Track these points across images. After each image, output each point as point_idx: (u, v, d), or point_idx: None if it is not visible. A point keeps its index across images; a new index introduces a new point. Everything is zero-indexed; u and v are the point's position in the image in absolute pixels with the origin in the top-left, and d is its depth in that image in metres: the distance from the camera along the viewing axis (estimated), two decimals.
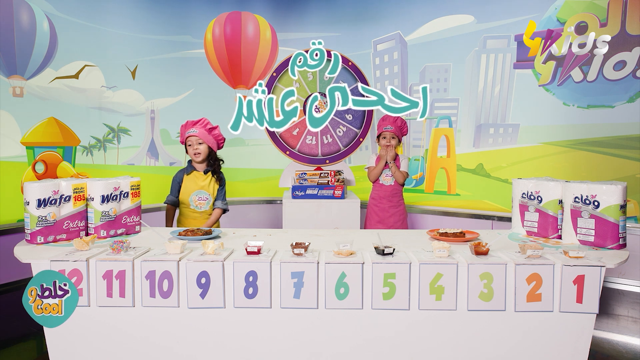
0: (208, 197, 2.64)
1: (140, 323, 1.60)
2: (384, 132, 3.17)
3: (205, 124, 2.67)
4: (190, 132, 2.63)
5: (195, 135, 2.62)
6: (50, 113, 3.59)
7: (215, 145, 2.70)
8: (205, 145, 2.65)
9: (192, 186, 2.63)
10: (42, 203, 1.79)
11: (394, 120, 3.15)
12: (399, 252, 1.64)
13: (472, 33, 3.94)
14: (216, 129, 2.71)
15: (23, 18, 3.37)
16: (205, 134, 2.65)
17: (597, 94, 3.45)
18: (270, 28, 4.46)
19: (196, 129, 2.64)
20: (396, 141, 3.15)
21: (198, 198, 2.62)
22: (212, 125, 2.70)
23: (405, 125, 3.20)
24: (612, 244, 1.72)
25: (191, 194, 2.62)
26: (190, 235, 1.93)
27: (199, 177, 2.65)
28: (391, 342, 1.59)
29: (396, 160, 3.17)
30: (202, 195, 2.62)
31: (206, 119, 2.69)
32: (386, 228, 3.09)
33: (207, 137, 2.65)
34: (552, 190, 1.90)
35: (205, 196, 2.63)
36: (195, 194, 2.62)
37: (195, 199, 2.62)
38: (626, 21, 3.30)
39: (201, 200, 2.62)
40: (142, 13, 4.11)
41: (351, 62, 3.43)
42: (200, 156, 2.64)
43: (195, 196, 2.62)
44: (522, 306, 1.52)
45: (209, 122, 2.69)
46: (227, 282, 1.56)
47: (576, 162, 3.56)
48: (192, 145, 2.64)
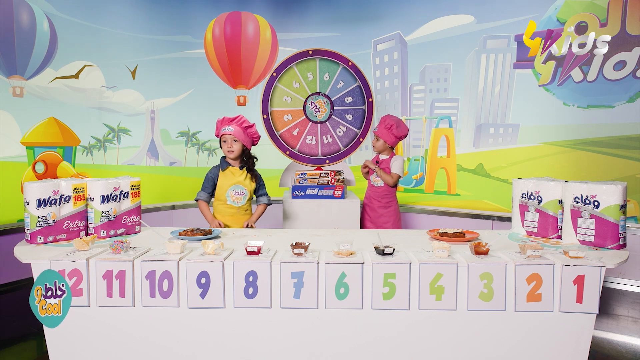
0: (245, 192, 2.62)
1: (140, 323, 1.60)
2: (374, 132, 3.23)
3: (242, 121, 2.65)
4: (226, 129, 2.61)
5: (230, 134, 2.59)
6: (50, 113, 3.59)
7: (249, 142, 2.69)
8: (240, 143, 2.62)
9: (228, 181, 2.61)
10: (42, 203, 1.79)
11: (382, 120, 3.16)
12: (399, 252, 1.64)
13: (472, 33, 3.94)
14: (252, 127, 2.68)
15: (23, 18, 3.37)
16: (240, 132, 2.62)
17: (597, 94, 3.45)
18: (270, 28, 4.46)
19: (232, 126, 2.61)
20: (381, 143, 3.14)
21: (235, 193, 2.60)
22: (248, 123, 2.67)
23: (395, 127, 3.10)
24: (612, 244, 1.72)
25: (228, 189, 2.60)
26: (190, 235, 1.93)
27: (235, 172, 2.64)
28: (391, 342, 1.58)
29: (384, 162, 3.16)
30: (239, 190, 2.60)
31: (243, 117, 2.66)
32: (375, 228, 3.11)
33: (242, 135, 2.63)
34: (552, 190, 1.90)
35: (242, 190, 2.61)
36: (232, 189, 2.60)
37: (232, 194, 2.60)
38: (626, 21, 3.30)
39: (238, 195, 2.60)
40: (142, 13, 4.11)
41: (351, 62, 3.43)
42: (234, 154, 2.62)
43: (232, 191, 2.60)
44: (522, 306, 1.52)
45: (246, 119, 2.67)
46: (227, 282, 1.56)
47: (576, 162, 3.56)
48: (226, 142, 2.62)
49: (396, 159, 3.17)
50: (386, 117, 3.16)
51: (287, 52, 3.97)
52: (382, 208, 3.17)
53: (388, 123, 3.12)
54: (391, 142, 3.15)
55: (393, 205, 3.20)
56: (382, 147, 3.17)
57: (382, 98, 4.42)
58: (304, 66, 3.41)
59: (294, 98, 3.44)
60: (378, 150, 3.21)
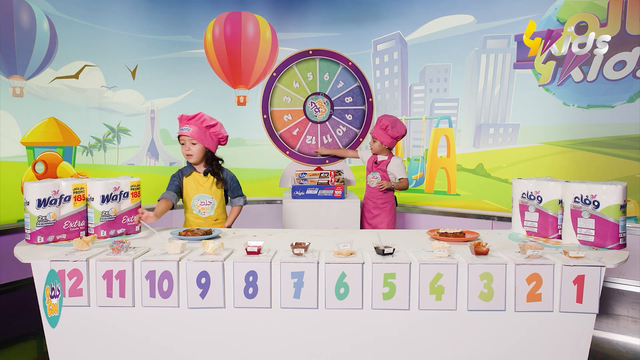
0: (211, 201, 2.37)
1: (140, 323, 1.59)
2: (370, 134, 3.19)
3: (202, 120, 2.33)
4: (183, 130, 2.30)
5: (188, 135, 2.29)
6: (50, 113, 3.59)
7: (213, 144, 2.38)
8: (200, 145, 2.32)
9: (192, 189, 2.36)
10: (42, 203, 1.79)
11: (378, 121, 3.10)
12: (399, 252, 1.64)
13: (472, 33, 3.94)
14: (215, 125, 2.37)
15: (23, 18, 3.37)
16: (200, 133, 2.31)
17: (597, 94, 3.45)
18: (270, 28, 4.46)
19: (190, 126, 2.30)
20: (377, 144, 3.10)
21: (200, 202, 2.34)
22: (210, 121, 2.35)
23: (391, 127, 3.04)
24: (612, 244, 1.72)
25: (192, 199, 2.35)
26: (190, 235, 1.93)
27: (200, 180, 2.37)
28: (391, 342, 1.58)
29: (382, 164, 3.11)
30: (204, 200, 2.35)
31: (203, 114, 2.35)
32: (370, 228, 3.13)
33: (202, 136, 2.31)
34: (552, 190, 1.90)
35: (207, 200, 2.36)
36: (197, 198, 2.35)
37: (198, 204, 2.34)
38: (626, 21, 3.30)
39: (204, 205, 2.35)
40: (142, 13, 4.11)
41: (351, 62, 3.43)
42: (193, 158, 2.33)
43: (197, 200, 2.34)
44: (522, 306, 1.52)
45: (208, 117, 2.35)
46: (227, 282, 1.56)
47: (576, 162, 3.56)
48: (185, 144, 2.32)
49: (395, 161, 3.14)
50: (382, 118, 3.10)
51: (287, 52, 3.97)
52: (377, 209, 3.17)
53: (383, 124, 3.07)
54: (388, 143, 3.10)
55: (388, 207, 3.17)
56: (379, 148, 3.13)
57: (382, 98, 4.42)
58: (304, 66, 3.41)
59: (294, 98, 3.44)
60: (375, 152, 3.17)
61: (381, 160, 3.17)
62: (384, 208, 3.16)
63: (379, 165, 3.16)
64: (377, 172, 3.16)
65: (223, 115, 4.54)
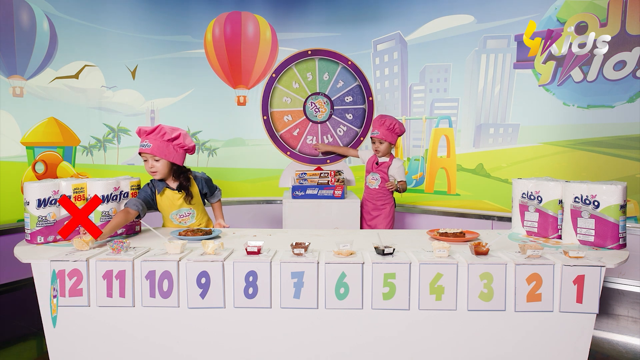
0: (191, 212, 2.27)
1: (140, 323, 1.60)
2: (372, 137, 3.12)
3: (162, 133, 2.12)
4: (143, 146, 2.10)
5: (148, 152, 2.10)
6: (50, 113, 3.59)
7: (179, 157, 2.18)
8: (164, 160, 2.13)
9: (168, 206, 2.23)
10: (42, 203, 1.79)
11: (382, 122, 3.06)
12: (399, 252, 1.64)
13: (472, 33, 3.94)
14: (178, 137, 2.16)
15: (23, 18, 3.37)
16: (162, 147, 2.11)
17: (597, 94, 3.45)
18: (270, 28, 4.46)
19: (150, 141, 2.10)
20: (385, 145, 3.09)
21: (180, 216, 2.25)
22: (171, 134, 2.14)
23: (397, 125, 3.07)
24: (612, 244, 1.72)
25: (171, 213, 2.24)
26: (191, 235, 1.93)
27: (174, 196, 2.22)
28: (391, 342, 1.58)
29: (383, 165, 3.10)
30: (183, 212, 2.25)
31: (163, 127, 2.13)
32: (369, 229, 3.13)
33: (165, 151, 2.11)
34: (552, 190, 1.90)
35: (186, 212, 2.25)
36: (176, 213, 2.24)
37: (177, 217, 2.25)
38: (626, 21, 3.30)
39: (184, 217, 2.25)
40: (142, 13, 4.11)
41: (351, 62, 3.43)
42: (157, 175, 2.16)
43: (177, 214, 2.24)
44: (522, 306, 1.52)
45: (167, 130, 2.14)
46: (227, 282, 1.56)
47: (576, 162, 3.56)
48: (147, 161, 2.14)
49: (397, 163, 3.14)
50: (384, 119, 3.07)
51: (287, 52, 3.97)
52: (376, 210, 3.16)
53: (389, 123, 3.05)
54: (395, 142, 3.12)
55: (387, 208, 3.16)
56: (387, 149, 3.12)
57: (382, 98, 4.42)
58: (303, 66, 3.41)
59: (294, 98, 3.44)
60: (383, 153, 3.14)
61: (382, 161, 3.15)
62: (383, 209, 3.15)
63: (380, 167, 3.14)
64: (378, 174, 3.13)
65: (223, 115, 4.56)
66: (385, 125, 3.05)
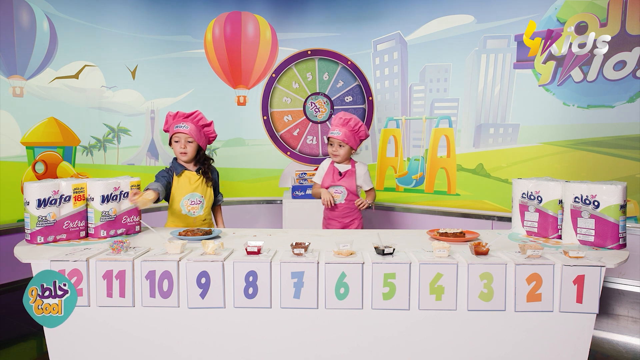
0: (202, 200, 2.31)
1: (140, 323, 1.60)
2: (330, 138, 2.62)
3: (199, 118, 2.31)
4: (181, 127, 2.26)
5: (185, 133, 2.25)
6: (50, 113, 3.59)
7: (205, 143, 2.37)
8: (195, 144, 2.30)
9: (183, 188, 2.28)
10: (42, 203, 1.79)
11: (346, 121, 2.58)
12: (399, 252, 1.64)
13: (472, 33, 3.94)
14: (210, 125, 2.36)
15: (23, 18, 3.37)
16: (197, 131, 2.28)
17: (597, 94, 3.45)
18: (270, 28, 4.46)
19: (187, 123, 2.26)
20: (346, 150, 2.59)
21: (191, 202, 2.27)
22: (206, 120, 2.34)
23: (362, 127, 2.61)
24: (612, 244, 1.72)
25: (183, 198, 2.27)
26: (190, 235, 1.93)
27: (192, 178, 2.31)
28: (391, 342, 1.58)
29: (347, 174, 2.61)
30: (195, 199, 2.28)
31: (200, 113, 2.32)
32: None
33: (198, 135, 2.29)
34: (552, 190, 1.90)
35: (198, 199, 2.30)
36: (188, 198, 2.27)
37: (188, 203, 2.27)
38: (626, 21, 3.30)
39: (194, 205, 2.29)
40: (142, 13, 4.11)
41: (350, 62, 3.43)
42: (187, 156, 2.29)
43: (188, 200, 2.26)
44: (522, 306, 1.52)
45: (204, 116, 2.34)
46: (227, 282, 1.56)
47: (576, 162, 3.56)
48: (179, 141, 2.28)
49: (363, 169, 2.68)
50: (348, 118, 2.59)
51: (287, 52, 3.97)
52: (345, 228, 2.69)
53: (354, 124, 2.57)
54: (356, 147, 2.63)
55: (355, 224, 2.69)
56: (347, 155, 2.63)
57: (382, 98, 4.42)
58: (303, 66, 3.41)
59: (294, 99, 3.44)
60: (343, 160, 2.64)
61: (345, 170, 2.67)
62: (350, 226, 2.70)
63: (344, 177, 2.65)
64: (341, 186, 2.63)
65: (223, 115, 4.56)
66: (349, 125, 2.58)
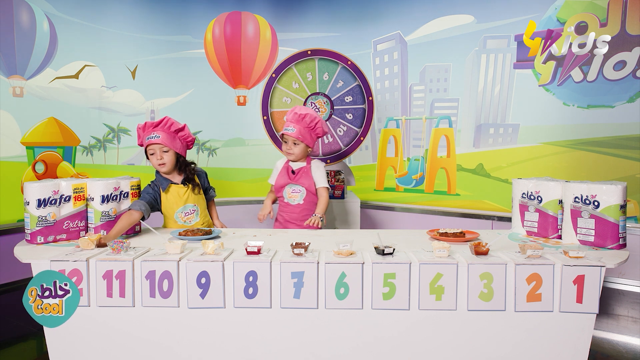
0: (195, 209, 2.26)
1: (140, 323, 1.60)
2: (284, 135, 2.41)
3: (170, 124, 2.18)
4: (152, 137, 2.14)
5: (158, 143, 2.14)
6: (50, 113, 3.59)
7: (183, 149, 2.25)
8: (172, 152, 2.18)
9: (174, 203, 2.22)
10: (42, 203, 1.79)
11: (301, 117, 2.37)
12: (399, 252, 1.64)
13: (472, 33, 3.94)
14: (184, 129, 2.23)
15: (23, 18, 3.37)
16: (170, 139, 2.16)
17: (597, 94, 3.45)
18: (270, 28, 4.46)
19: (158, 132, 2.15)
20: (301, 148, 2.40)
21: (185, 214, 2.24)
22: (178, 125, 2.21)
23: (319, 123, 2.40)
24: (612, 244, 1.72)
25: (176, 212, 2.22)
26: (190, 235, 1.93)
27: (180, 191, 2.23)
28: (391, 342, 1.58)
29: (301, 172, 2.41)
30: (188, 210, 2.25)
31: (170, 119, 2.18)
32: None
33: (173, 142, 2.17)
34: (552, 190, 1.90)
35: (192, 209, 2.25)
36: (181, 210, 2.23)
37: (182, 216, 2.23)
38: (626, 21, 3.30)
39: (189, 215, 2.25)
40: (142, 13, 4.11)
41: (350, 62, 3.43)
42: (166, 167, 2.19)
43: (182, 212, 2.23)
44: (522, 306, 1.52)
45: (174, 121, 2.20)
46: (227, 282, 1.56)
47: (576, 162, 3.56)
48: (155, 153, 2.17)
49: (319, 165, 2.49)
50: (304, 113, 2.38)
51: (287, 52, 3.97)
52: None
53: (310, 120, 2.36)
54: (312, 145, 2.44)
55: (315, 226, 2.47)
56: (303, 153, 2.44)
57: (382, 98, 4.42)
58: (302, 66, 3.41)
59: (294, 99, 3.44)
60: (298, 158, 2.44)
61: (299, 167, 2.49)
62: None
63: (299, 175, 2.46)
64: (298, 185, 2.45)
65: (223, 115, 4.56)
66: (304, 121, 2.38)
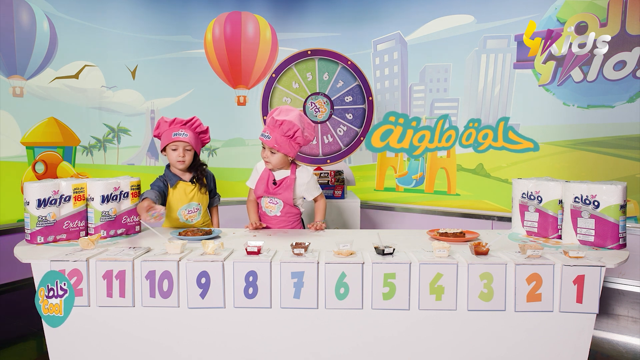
0: (199, 208, 2.30)
1: (140, 323, 1.60)
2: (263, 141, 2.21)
3: (197, 125, 2.24)
4: (180, 134, 2.18)
5: (185, 141, 2.18)
6: (50, 113, 3.59)
7: (200, 148, 2.32)
8: (193, 151, 2.24)
9: (179, 200, 2.25)
10: (42, 203, 1.79)
11: (278, 124, 2.13)
12: (399, 252, 1.64)
13: (472, 33, 3.94)
14: (207, 131, 2.31)
15: (23, 18, 3.37)
16: (195, 139, 2.22)
17: (597, 94, 3.45)
18: (270, 28, 4.46)
19: (187, 131, 2.19)
20: (278, 157, 2.19)
21: (188, 212, 2.26)
22: (203, 127, 2.28)
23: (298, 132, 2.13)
24: (612, 244, 1.72)
25: (179, 209, 2.25)
26: (190, 235, 1.93)
27: (187, 188, 2.27)
28: (391, 342, 1.58)
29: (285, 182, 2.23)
30: (192, 208, 2.27)
31: (198, 120, 2.24)
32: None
33: (196, 142, 2.23)
34: (552, 190, 1.90)
35: (195, 207, 2.28)
36: (185, 208, 2.26)
37: (185, 213, 2.26)
38: (626, 21, 3.30)
39: (192, 213, 2.28)
40: (142, 13, 4.11)
41: (350, 62, 3.43)
42: (184, 164, 2.23)
43: (185, 210, 2.26)
44: (522, 306, 1.52)
45: (201, 122, 2.27)
46: (227, 282, 1.56)
47: (576, 162, 3.56)
48: (177, 150, 2.20)
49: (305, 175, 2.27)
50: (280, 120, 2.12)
51: (287, 52, 3.97)
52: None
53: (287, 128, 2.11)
54: (293, 155, 2.22)
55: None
56: (281, 162, 2.23)
57: (382, 98, 4.42)
58: (302, 66, 3.41)
59: (294, 99, 3.44)
60: (277, 167, 2.24)
61: (282, 177, 2.26)
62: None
63: (281, 186, 2.24)
64: (276, 197, 2.23)
65: (223, 115, 4.56)
66: (281, 129, 2.13)
